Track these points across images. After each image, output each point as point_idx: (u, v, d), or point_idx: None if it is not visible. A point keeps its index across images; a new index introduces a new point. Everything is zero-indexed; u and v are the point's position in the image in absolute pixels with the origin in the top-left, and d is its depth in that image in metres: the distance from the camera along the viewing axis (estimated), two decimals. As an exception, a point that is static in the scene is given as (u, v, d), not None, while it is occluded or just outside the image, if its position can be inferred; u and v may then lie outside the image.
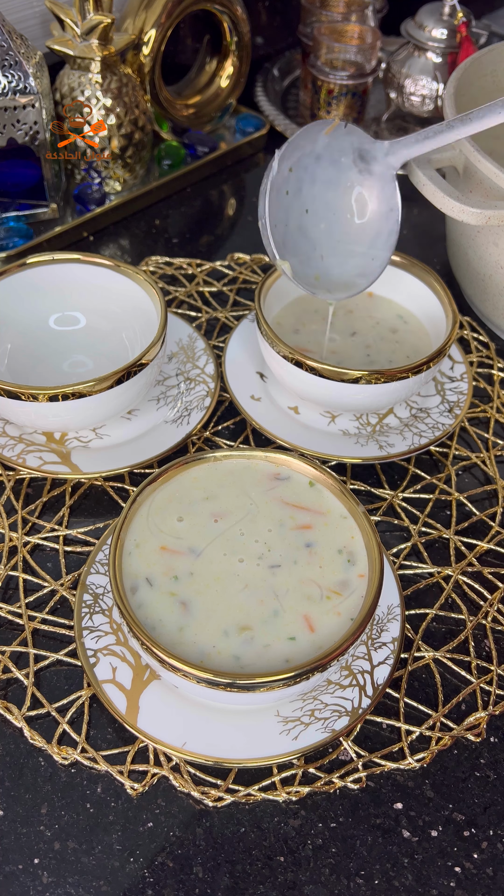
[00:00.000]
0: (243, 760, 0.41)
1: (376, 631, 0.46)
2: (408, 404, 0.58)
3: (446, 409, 0.57)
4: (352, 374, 0.51)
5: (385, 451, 0.54)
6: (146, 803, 0.41)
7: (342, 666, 0.44)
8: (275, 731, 0.42)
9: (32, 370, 0.56)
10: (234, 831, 0.40)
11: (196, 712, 0.42)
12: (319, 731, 0.42)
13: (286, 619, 0.41)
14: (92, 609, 0.46)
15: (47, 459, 0.52)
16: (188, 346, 0.60)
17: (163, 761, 0.42)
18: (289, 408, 0.57)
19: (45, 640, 0.46)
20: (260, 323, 0.54)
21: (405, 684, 0.45)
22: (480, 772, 0.43)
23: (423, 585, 0.50)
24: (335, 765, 0.42)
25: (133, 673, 0.43)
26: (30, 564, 0.49)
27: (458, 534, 0.53)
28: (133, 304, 0.56)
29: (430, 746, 0.43)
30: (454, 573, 0.50)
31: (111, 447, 0.54)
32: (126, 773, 0.41)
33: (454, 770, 0.43)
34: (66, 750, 0.42)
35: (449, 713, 0.44)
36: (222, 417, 0.58)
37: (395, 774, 0.42)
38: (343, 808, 0.41)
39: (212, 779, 0.41)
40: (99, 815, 0.40)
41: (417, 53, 0.82)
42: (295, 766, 0.42)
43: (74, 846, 0.39)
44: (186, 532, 0.44)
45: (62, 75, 0.69)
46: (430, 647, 0.47)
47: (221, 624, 0.41)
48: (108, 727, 0.43)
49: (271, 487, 0.46)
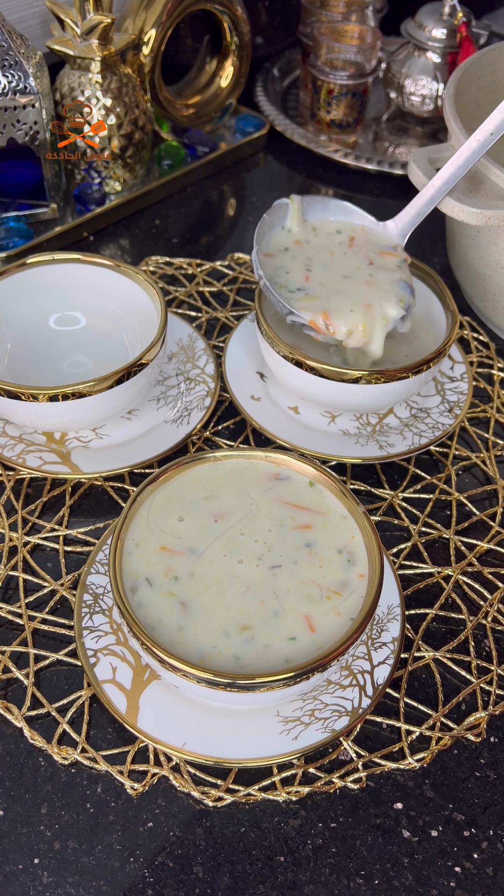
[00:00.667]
0: (243, 760, 0.41)
1: (376, 631, 0.46)
2: (408, 404, 0.58)
3: (446, 408, 0.57)
4: (352, 374, 0.51)
5: (385, 451, 0.54)
6: (146, 803, 0.41)
7: (342, 666, 0.44)
8: (275, 731, 0.42)
9: (32, 370, 0.56)
10: (234, 831, 0.40)
11: (196, 712, 0.42)
12: (319, 731, 0.42)
13: (286, 620, 0.41)
14: (92, 609, 0.46)
15: (47, 459, 0.52)
16: (188, 346, 0.60)
17: (163, 761, 0.42)
18: (289, 408, 0.57)
19: (45, 640, 0.46)
20: (260, 323, 0.54)
21: (405, 684, 0.45)
22: (480, 772, 0.43)
23: (423, 585, 0.50)
24: (335, 765, 0.42)
25: (133, 673, 0.43)
26: (30, 564, 0.49)
27: (458, 534, 0.53)
28: (133, 304, 0.56)
29: (430, 746, 0.43)
30: (454, 573, 0.50)
31: (111, 447, 0.54)
32: (126, 773, 0.41)
33: (454, 770, 0.43)
34: (66, 750, 0.42)
35: (449, 713, 0.44)
36: (222, 417, 0.58)
37: (395, 774, 0.42)
38: (343, 808, 0.41)
39: (212, 779, 0.41)
40: (99, 815, 0.40)
41: (417, 53, 0.82)
42: (295, 766, 0.42)
43: (74, 846, 0.39)
44: (187, 532, 0.44)
45: (62, 75, 0.69)
46: (430, 647, 0.47)
47: (221, 624, 0.41)
48: (108, 727, 0.43)
49: (271, 487, 0.46)
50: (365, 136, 0.85)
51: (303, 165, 0.83)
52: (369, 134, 0.86)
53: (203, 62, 0.82)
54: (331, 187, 0.81)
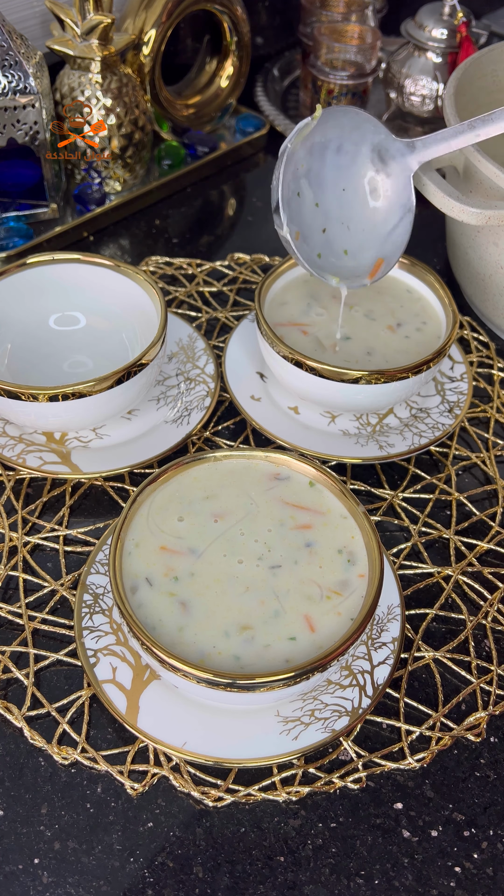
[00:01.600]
0: (243, 760, 0.41)
1: (376, 631, 0.46)
2: (408, 404, 0.58)
3: (446, 409, 0.57)
4: (352, 375, 0.51)
5: (385, 452, 0.54)
6: (146, 803, 0.41)
7: (342, 666, 0.44)
8: (275, 731, 0.42)
9: (32, 370, 0.56)
10: (234, 831, 0.40)
11: (196, 712, 0.42)
12: (319, 731, 0.42)
13: (287, 620, 0.41)
14: (92, 609, 0.46)
15: (47, 459, 0.52)
16: (188, 346, 0.60)
17: (163, 761, 0.42)
18: (289, 408, 0.57)
19: (45, 640, 0.46)
20: (260, 323, 0.54)
21: (405, 684, 0.45)
22: (480, 772, 0.43)
23: (423, 585, 0.50)
24: (335, 765, 0.42)
25: (133, 673, 0.43)
26: (30, 564, 0.49)
27: (459, 534, 0.53)
28: (133, 304, 0.56)
29: (430, 746, 0.43)
30: (454, 573, 0.50)
31: (111, 447, 0.54)
32: (126, 773, 0.41)
33: (454, 770, 0.43)
34: (66, 750, 0.42)
35: (449, 713, 0.44)
36: (222, 417, 0.58)
37: (396, 774, 0.42)
38: (343, 808, 0.41)
39: (212, 779, 0.41)
40: (99, 815, 0.40)
41: (417, 53, 0.82)
42: (295, 766, 0.42)
43: (74, 846, 0.39)
44: (187, 532, 0.44)
45: (62, 75, 0.69)
46: (430, 647, 0.47)
47: (222, 624, 0.41)
48: (108, 727, 0.43)
49: (271, 487, 0.46)
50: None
51: (303, 165, 0.83)
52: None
53: (203, 62, 0.82)
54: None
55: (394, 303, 0.58)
